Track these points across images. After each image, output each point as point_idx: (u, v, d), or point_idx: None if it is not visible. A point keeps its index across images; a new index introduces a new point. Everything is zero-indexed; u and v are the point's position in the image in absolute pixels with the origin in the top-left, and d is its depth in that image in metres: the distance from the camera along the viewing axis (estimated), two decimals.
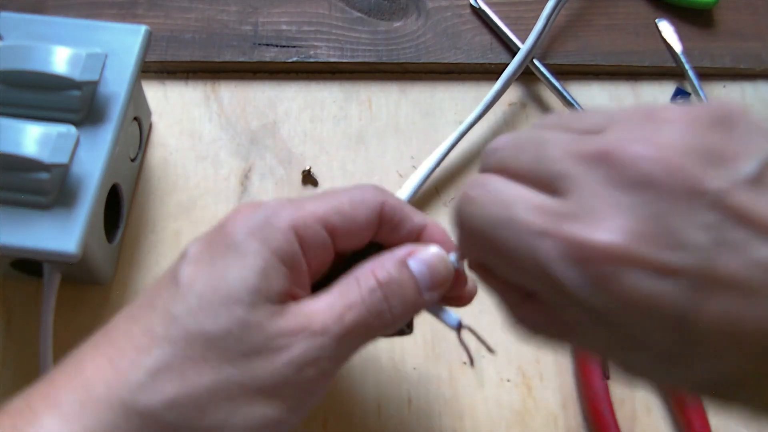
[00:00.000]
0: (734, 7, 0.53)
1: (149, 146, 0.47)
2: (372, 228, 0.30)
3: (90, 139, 0.38)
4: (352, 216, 0.29)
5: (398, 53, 0.50)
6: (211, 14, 0.51)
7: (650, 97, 0.51)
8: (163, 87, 0.49)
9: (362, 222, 0.29)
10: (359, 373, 0.41)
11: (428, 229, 0.31)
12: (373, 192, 0.30)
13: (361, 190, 0.30)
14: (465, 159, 0.48)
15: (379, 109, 0.49)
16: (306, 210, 0.29)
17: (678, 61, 0.50)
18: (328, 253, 0.29)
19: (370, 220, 0.30)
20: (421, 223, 0.31)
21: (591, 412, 0.40)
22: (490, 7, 0.51)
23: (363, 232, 0.30)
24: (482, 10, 0.51)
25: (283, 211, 0.28)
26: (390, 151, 0.48)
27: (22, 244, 0.35)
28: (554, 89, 0.48)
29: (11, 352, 0.40)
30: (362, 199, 0.30)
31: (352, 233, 0.30)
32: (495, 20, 0.51)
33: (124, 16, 0.50)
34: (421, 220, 0.31)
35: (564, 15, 0.52)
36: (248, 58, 0.49)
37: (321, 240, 0.29)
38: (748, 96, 0.51)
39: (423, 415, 0.40)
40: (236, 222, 0.28)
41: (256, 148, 0.47)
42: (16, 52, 0.37)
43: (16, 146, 0.35)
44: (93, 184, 0.37)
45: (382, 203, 0.30)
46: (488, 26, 0.51)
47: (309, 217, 0.28)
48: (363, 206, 0.30)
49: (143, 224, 0.45)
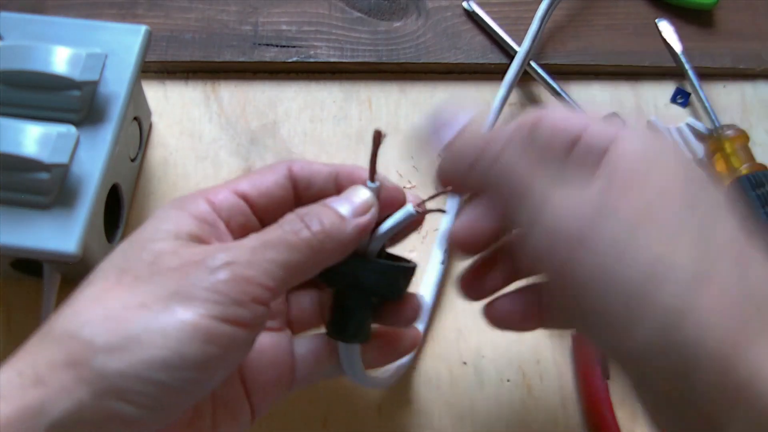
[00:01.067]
0: (734, 7, 0.53)
1: (149, 146, 0.47)
2: (284, 188, 0.33)
3: (90, 139, 0.38)
4: (260, 181, 0.33)
5: (398, 53, 0.50)
6: (211, 14, 0.51)
7: (650, 97, 0.51)
8: (163, 87, 0.49)
9: (270, 183, 0.33)
10: None
11: (340, 173, 0.34)
12: (283, 162, 0.34)
13: (272, 163, 0.34)
14: None
15: (379, 109, 0.49)
16: (222, 186, 0.32)
17: (678, 61, 0.50)
18: (246, 217, 0.32)
19: (278, 181, 0.33)
20: (331, 172, 0.34)
21: (591, 412, 0.40)
22: (483, 9, 0.51)
23: (276, 191, 0.33)
24: (476, 14, 0.51)
25: (201, 191, 0.32)
26: (390, 151, 0.48)
27: (22, 244, 0.35)
28: (552, 90, 0.48)
29: (11, 352, 0.40)
30: (271, 168, 0.34)
31: (266, 196, 0.33)
32: (489, 23, 0.50)
33: (124, 16, 0.50)
34: (330, 169, 0.34)
35: (564, 15, 0.52)
36: (248, 58, 0.49)
37: (233, 204, 0.32)
38: (748, 96, 0.51)
39: (423, 415, 0.40)
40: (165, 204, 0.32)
41: (256, 148, 0.47)
42: (16, 52, 0.37)
43: (16, 146, 0.35)
44: (93, 184, 0.37)
45: (290, 166, 0.33)
46: (483, 29, 0.51)
47: (219, 189, 0.32)
48: (270, 172, 0.33)
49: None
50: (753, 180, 0.44)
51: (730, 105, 0.51)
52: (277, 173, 0.33)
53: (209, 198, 0.31)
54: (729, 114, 0.50)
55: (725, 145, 0.46)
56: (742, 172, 0.45)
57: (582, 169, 0.29)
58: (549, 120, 0.30)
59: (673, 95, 0.51)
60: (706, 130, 0.49)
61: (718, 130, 0.47)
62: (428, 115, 0.34)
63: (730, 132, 0.47)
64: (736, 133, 0.47)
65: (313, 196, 0.33)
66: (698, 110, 0.50)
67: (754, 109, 0.51)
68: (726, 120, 0.49)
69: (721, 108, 0.50)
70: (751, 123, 0.50)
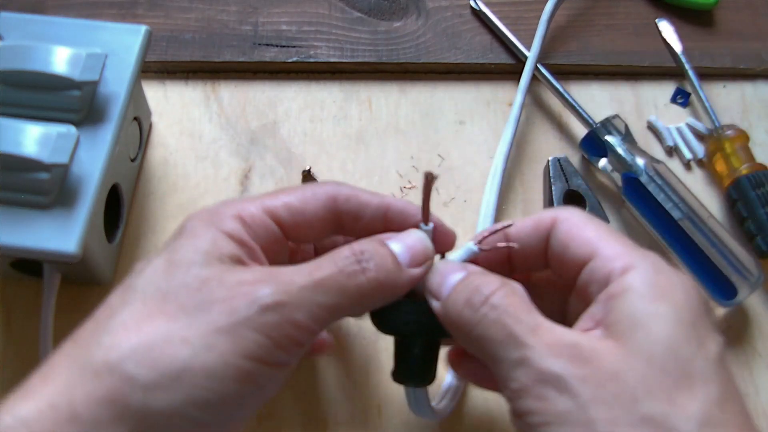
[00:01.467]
0: (734, 7, 0.53)
1: (149, 146, 0.47)
2: (325, 219, 0.32)
3: (90, 139, 0.37)
4: (299, 208, 0.31)
5: (398, 53, 0.50)
6: (211, 14, 0.51)
7: (650, 97, 0.51)
8: (163, 87, 0.49)
9: (311, 213, 0.31)
10: (359, 374, 0.41)
11: (392, 208, 0.32)
12: (327, 186, 0.32)
13: (315, 185, 0.32)
14: (465, 159, 0.48)
15: (379, 109, 0.49)
16: (252, 202, 0.31)
17: (678, 61, 0.50)
18: (278, 241, 0.31)
19: (319, 211, 0.31)
20: (381, 204, 0.32)
21: None
22: (489, 8, 0.51)
23: (315, 222, 0.31)
24: (482, 12, 0.51)
25: (230, 205, 0.31)
26: (390, 151, 0.48)
27: (22, 244, 0.35)
28: (555, 90, 0.48)
29: (11, 352, 0.40)
30: (313, 193, 0.32)
31: (302, 224, 0.31)
32: (495, 22, 0.51)
33: (124, 16, 0.50)
34: (379, 202, 0.32)
35: (564, 15, 0.52)
36: (248, 58, 0.49)
37: (266, 226, 0.30)
38: (748, 96, 0.51)
39: None
40: (189, 217, 0.30)
41: (256, 148, 0.47)
42: (16, 52, 0.37)
43: (16, 146, 0.35)
44: (93, 184, 0.37)
45: (335, 195, 0.32)
46: (488, 27, 0.51)
47: (253, 208, 0.30)
48: (312, 199, 0.31)
49: (143, 224, 0.45)
50: (753, 180, 0.44)
51: (730, 105, 0.51)
52: (318, 202, 0.31)
53: (243, 217, 0.30)
54: (729, 114, 0.50)
55: (725, 145, 0.46)
56: (742, 172, 0.45)
57: (582, 302, 0.29)
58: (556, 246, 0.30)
59: (673, 95, 0.51)
60: (706, 130, 0.49)
61: (718, 130, 0.47)
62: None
63: (730, 132, 0.47)
64: (736, 133, 0.47)
65: (360, 229, 0.32)
66: (698, 110, 0.50)
67: (754, 109, 0.51)
68: (726, 120, 0.49)
69: (721, 108, 0.50)
70: (751, 123, 0.50)
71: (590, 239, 0.29)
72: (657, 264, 0.28)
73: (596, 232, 0.29)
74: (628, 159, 0.45)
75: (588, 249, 0.29)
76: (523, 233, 0.31)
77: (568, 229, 0.30)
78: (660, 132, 0.49)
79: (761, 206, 0.44)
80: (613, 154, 0.45)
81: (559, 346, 0.26)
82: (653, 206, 0.43)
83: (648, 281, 0.27)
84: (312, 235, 0.32)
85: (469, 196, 0.46)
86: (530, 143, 0.49)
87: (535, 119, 0.50)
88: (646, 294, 0.27)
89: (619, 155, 0.45)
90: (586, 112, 0.47)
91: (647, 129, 0.50)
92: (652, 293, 0.27)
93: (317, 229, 0.32)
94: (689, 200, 0.43)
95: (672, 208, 0.43)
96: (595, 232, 0.29)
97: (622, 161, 0.45)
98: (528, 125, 0.49)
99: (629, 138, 0.46)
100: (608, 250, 0.28)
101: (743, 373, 0.42)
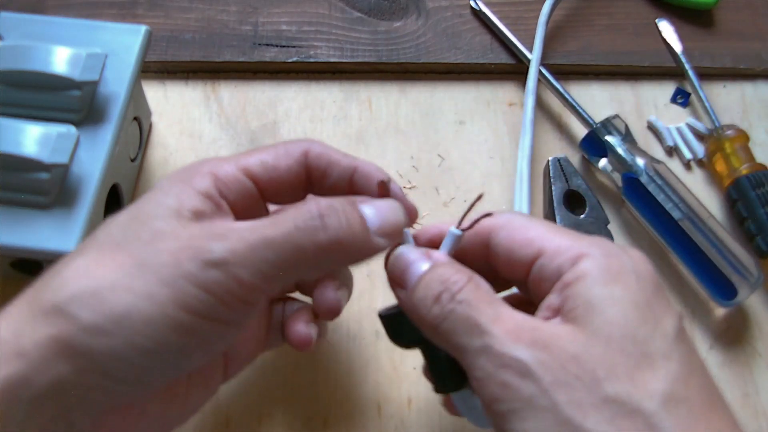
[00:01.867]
0: (734, 7, 0.53)
1: (149, 146, 0.47)
2: (299, 174, 0.32)
3: (90, 139, 0.38)
4: (273, 164, 0.31)
5: (398, 53, 0.50)
6: (211, 14, 0.51)
7: (650, 97, 0.51)
8: (163, 87, 0.49)
9: (284, 169, 0.31)
10: (359, 373, 0.41)
11: (359, 169, 0.32)
12: (301, 142, 0.32)
13: (289, 141, 0.32)
14: (465, 159, 0.48)
15: (379, 109, 0.49)
16: (227, 160, 0.31)
17: (678, 61, 0.50)
18: (252, 197, 0.31)
19: (291, 166, 0.31)
20: (349, 165, 0.32)
21: None
22: (489, 8, 0.51)
23: (288, 177, 0.32)
24: (482, 12, 0.51)
25: (205, 163, 0.31)
26: (390, 151, 0.48)
27: (22, 244, 0.35)
28: (555, 90, 0.48)
29: None
30: (286, 150, 0.32)
31: (276, 179, 0.31)
32: (495, 22, 0.51)
33: (124, 16, 0.50)
34: (348, 162, 0.32)
35: (564, 15, 0.52)
36: (248, 58, 0.49)
37: (239, 182, 0.30)
38: (748, 96, 0.51)
39: (423, 415, 0.40)
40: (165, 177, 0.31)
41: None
42: (16, 52, 0.37)
43: (16, 146, 0.35)
44: (93, 184, 0.37)
45: (307, 150, 0.32)
46: (488, 27, 0.51)
47: (227, 165, 0.31)
48: (285, 155, 0.32)
49: None
50: (753, 180, 0.44)
51: (730, 105, 0.51)
52: (291, 157, 0.32)
53: (215, 173, 0.30)
54: (729, 114, 0.50)
55: (725, 145, 0.46)
56: (742, 172, 0.45)
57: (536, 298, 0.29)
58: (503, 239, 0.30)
59: (673, 95, 0.51)
60: (706, 130, 0.49)
61: (718, 130, 0.47)
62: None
63: (730, 132, 0.47)
64: (736, 133, 0.47)
65: (327, 187, 0.32)
66: (698, 110, 0.50)
67: (754, 109, 0.51)
68: (726, 120, 0.49)
69: (721, 108, 0.50)
70: (751, 123, 0.50)
71: (533, 239, 0.29)
72: (606, 248, 0.28)
73: (537, 231, 0.30)
74: (628, 159, 0.45)
75: (533, 248, 0.29)
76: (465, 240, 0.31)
77: (508, 234, 0.30)
78: (660, 132, 0.49)
79: (761, 206, 0.44)
80: (613, 154, 0.45)
81: (519, 332, 0.26)
82: (653, 206, 0.43)
83: (600, 266, 0.27)
84: (286, 193, 0.32)
85: (469, 196, 0.46)
86: None
87: (535, 119, 0.50)
88: (599, 278, 0.27)
89: (619, 155, 0.45)
90: (586, 112, 0.47)
91: (647, 129, 0.50)
92: (604, 277, 0.27)
93: (291, 185, 0.32)
94: (689, 200, 0.43)
95: (672, 208, 0.43)
96: (536, 231, 0.30)
97: (622, 161, 0.45)
98: (528, 125, 0.49)
99: (629, 138, 0.46)
100: (553, 244, 0.29)
101: (743, 373, 0.42)
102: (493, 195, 0.47)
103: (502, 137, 0.49)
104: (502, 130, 0.49)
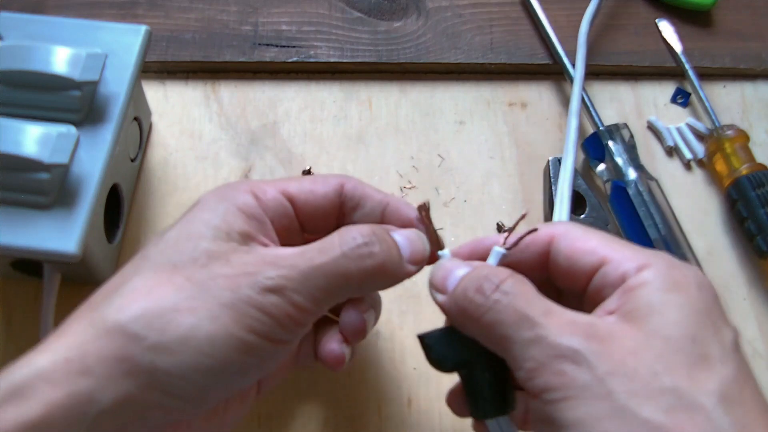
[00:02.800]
0: (734, 7, 0.53)
1: (149, 146, 0.47)
2: (331, 201, 0.33)
3: (90, 139, 0.38)
4: (310, 188, 0.33)
5: (398, 53, 0.50)
6: (211, 14, 0.51)
7: (650, 97, 0.51)
8: (163, 87, 0.49)
9: (320, 194, 0.33)
10: (359, 373, 0.41)
11: (391, 205, 0.33)
12: (337, 175, 0.34)
13: (325, 174, 0.34)
14: (465, 159, 0.48)
15: (379, 109, 0.49)
16: (266, 182, 0.33)
17: (678, 61, 0.50)
18: (289, 217, 0.32)
19: (327, 193, 0.33)
20: (382, 200, 0.33)
21: None
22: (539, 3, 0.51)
23: (323, 203, 0.33)
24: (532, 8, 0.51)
25: (245, 182, 0.32)
26: (390, 151, 0.48)
27: (22, 244, 0.35)
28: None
29: (11, 352, 0.40)
30: (322, 178, 0.34)
31: (312, 203, 0.33)
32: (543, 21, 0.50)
33: (124, 16, 0.50)
34: (381, 198, 0.34)
35: (564, 15, 0.52)
36: (248, 58, 0.49)
37: (278, 202, 0.32)
38: (748, 96, 0.51)
39: (423, 415, 0.40)
40: (205, 193, 0.32)
41: (256, 148, 0.47)
42: (16, 52, 0.37)
43: (16, 146, 0.35)
44: (93, 184, 0.37)
45: (343, 182, 0.33)
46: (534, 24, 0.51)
47: (267, 186, 0.32)
48: (322, 182, 0.33)
49: (143, 224, 0.45)
50: (753, 180, 0.44)
51: (730, 105, 0.51)
52: (328, 186, 0.33)
53: (256, 193, 0.31)
54: (729, 114, 0.50)
55: (725, 145, 0.47)
56: (742, 172, 0.45)
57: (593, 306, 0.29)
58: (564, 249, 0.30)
59: (673, 95, 0.51)
60: (706, 130, 0.49)
61: (718, 130, 0.47)
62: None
63: (730, 132, 0.47)
64: (736, 133, 0.47)
65: (357, 219, 0.33)
66: (698, 110, 0.50)
67: (754, 109, 0.51)
68: (726, 120, 0.49)
69: (721, 108, 0.50)
70: (751, 123, 0.50)
71: (596, 248, 0.29)
72: (670, 260, 0.29)
73: (598, 240, 0.30)
74: (623, 168, 0.45)
75: (596, 257, 0.29)
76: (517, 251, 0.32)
77: (570, 243, 0.30)
78: (660, 132, 0.49)
79: (761, 206, 0.44)
80: (610, 160, 0.45)
81: (573, 325, 0.26)
82: (633, 220, 0.43)
83: (663, 275, 0.27)
84: (321, 220, 0.33)
85: (469, 196, 0.46)
86: (530, 143, 0.49)
87: (535, 119, 0.50)
88: (662, 285, 0.27)
89: (615, 162, 0.45)
90: (598, 114, 0.47)
91: (647, 129, 0.50)
92: (667, 285, 0.27)
93: (325, 212, 0.33)
94: (671, 223, 0.43)
95: (650, 225, 0.43)
96: (598, 240, 0.30)
97: (617, 169, 0.45)
98: (528, 125, 0.49)
99: (631, 149, 0.46)
100: (618, 254, 0.29)
101: None
102: (493, 195, 0.47)
103: (502, 137, 0.49)
104: (502, 130, 0.49)
